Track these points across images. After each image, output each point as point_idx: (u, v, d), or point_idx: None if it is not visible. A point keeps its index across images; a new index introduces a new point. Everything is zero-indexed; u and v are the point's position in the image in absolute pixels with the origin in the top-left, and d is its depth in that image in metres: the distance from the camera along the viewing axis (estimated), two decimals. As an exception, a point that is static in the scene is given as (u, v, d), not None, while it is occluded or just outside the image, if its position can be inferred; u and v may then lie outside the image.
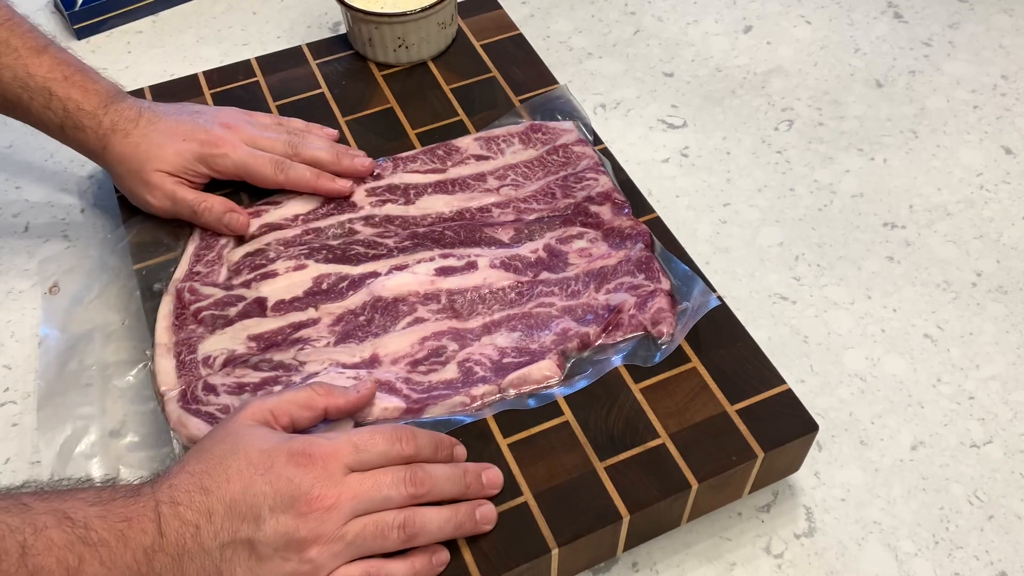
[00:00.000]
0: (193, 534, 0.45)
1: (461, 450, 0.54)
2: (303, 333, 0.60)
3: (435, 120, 0.74)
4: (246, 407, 0.51)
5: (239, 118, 0.68)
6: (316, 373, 0.57)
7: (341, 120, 0.74)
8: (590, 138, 0.72)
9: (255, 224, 0.66)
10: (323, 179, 0.67)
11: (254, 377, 0.58)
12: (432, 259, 0.63)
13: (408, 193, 0.68)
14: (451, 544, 0.51)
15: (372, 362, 0.58)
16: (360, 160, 0.68)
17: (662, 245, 0.64)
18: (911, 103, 0.83)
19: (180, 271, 0.64)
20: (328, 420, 0.54)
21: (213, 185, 0.67)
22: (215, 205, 0.64)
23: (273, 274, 0.63)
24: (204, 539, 0.45)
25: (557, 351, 0.58)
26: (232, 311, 0.61)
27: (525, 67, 0.78)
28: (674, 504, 0.53)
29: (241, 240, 0.66)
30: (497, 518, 0.51)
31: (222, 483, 0.46)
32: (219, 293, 0.62)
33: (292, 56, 0.79)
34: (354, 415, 0.55)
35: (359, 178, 0.69)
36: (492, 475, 0.52)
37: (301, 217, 0.67)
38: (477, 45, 0.80)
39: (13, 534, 0.41)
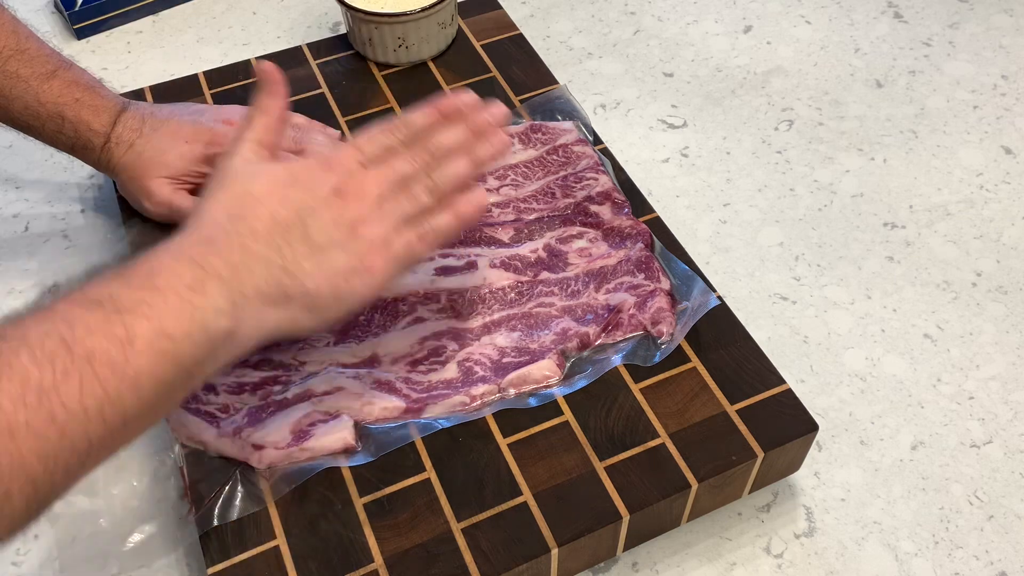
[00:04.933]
0: (241, 250, 0.45)
1: (464, 96, 0.54)
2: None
3: (435, 120, 0.74)
4: (231, 157, 0.50)
5: (241, 113, 0.68)
6: (316, 373, 0.57)
7: (341, 120, 0.74)
8: (590, 138, 0.72)
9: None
10: None
11: (254, 377, 0.58)
12: (432, 259, 0.63)
13: (408, 193, 0.68)
14: (451, 545, 0.51)
15: (372, 362, 0.58)
16: None
17: (662, 245, 0.64)
18: (911, 103, 0.83)
19: (180, 271, 0.64)
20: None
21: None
22: None
23: (273, 274, 0.63)
24: (256, 249, 0.46)
25: (557, 351, 0.58)
26: (232, 311, 0.61)
27: (525, 67, 0.78)
28: (674, 504, 0.53)
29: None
30: (509, 142, 0.55)
31: (255, 206, 0.47)
32: (219, 293, 0.62)
33: (292, 56, 0.79)
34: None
35: None
36: (495, 109, 0.54)
37: (301, 217, 0.67)
38: (477, 45, 0.80)
39: (50, 337, 0.39)
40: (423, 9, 0.75)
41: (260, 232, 0.46)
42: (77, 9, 0.88)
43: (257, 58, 0.79)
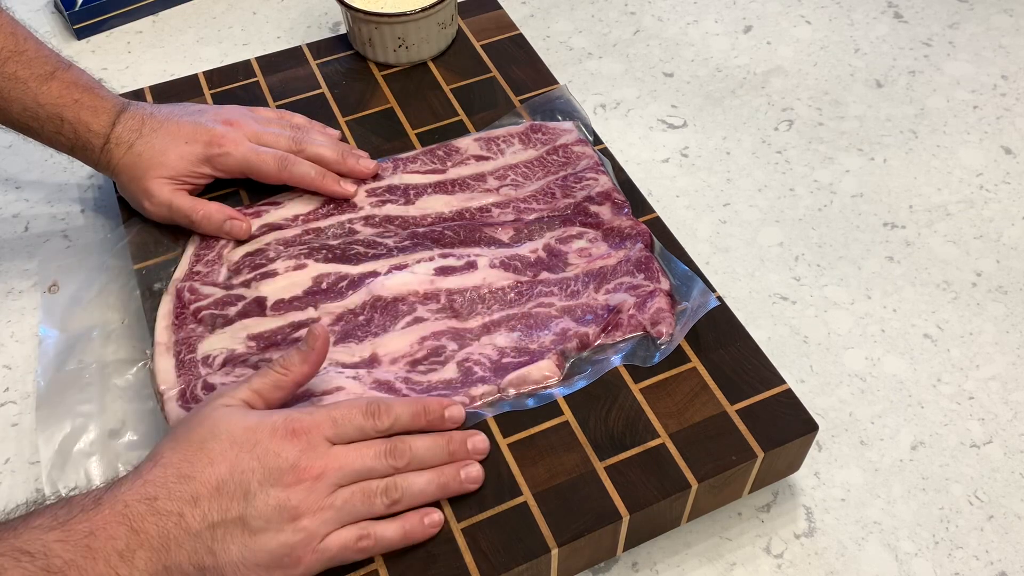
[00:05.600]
0: (176, 522, 0.45)
1: (455, 411, 0.54)
2: (303, 333, 0.60)
3: (435, 120, 0.74)
4: (219, 396, 0.51)
5: (241, 113, 0.68)
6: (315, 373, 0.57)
7: (341, 120, 0.74)
8: (590, 138, 0.72)
9: (255, 224, 0.66)
10: (328, 179, 0.67)
11: (254, 377, 0.58)
12: (432, 259, 0.63)
13: (408, 193, 0.68)
14: (451, 545, 0.51)
15: (371, 362, 0.58)
16: (365, 162, 0.68)
17: (662, 245, 0.64)
18: (911, 103, 0.83)
19: (180, 271, 0.64)
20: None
21: (216, 182, 0.67)
22: (213, 213, 0.64)
23: (273, 274, 0.63)
24: (191, 523, 0.45)
25: (556, 351, 0.58)
26: (232, 311, 0.61)
27: (525, 67, 0.78)
28: (674, 504, 0.53)
29: (241, 240, 0.66)
30: (484, 478, 0.52)
31: (205, 467, 0.46)
32: (219, 293, 0.62)
33: (292, 56, 0.79)
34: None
35: (362, 180, 0.69)
36: (478, 441, 0.53)
37: (301, 217, 0.67)
38: (477, 45, 0.80)
39: None
40: (423, 9, 0.75)
41: (201, 500, 0.46)
42: (77, 9, 0.88)
43: (257, 57, 0.79)
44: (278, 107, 0.74)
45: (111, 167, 0.64)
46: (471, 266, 0.63)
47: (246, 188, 0.69)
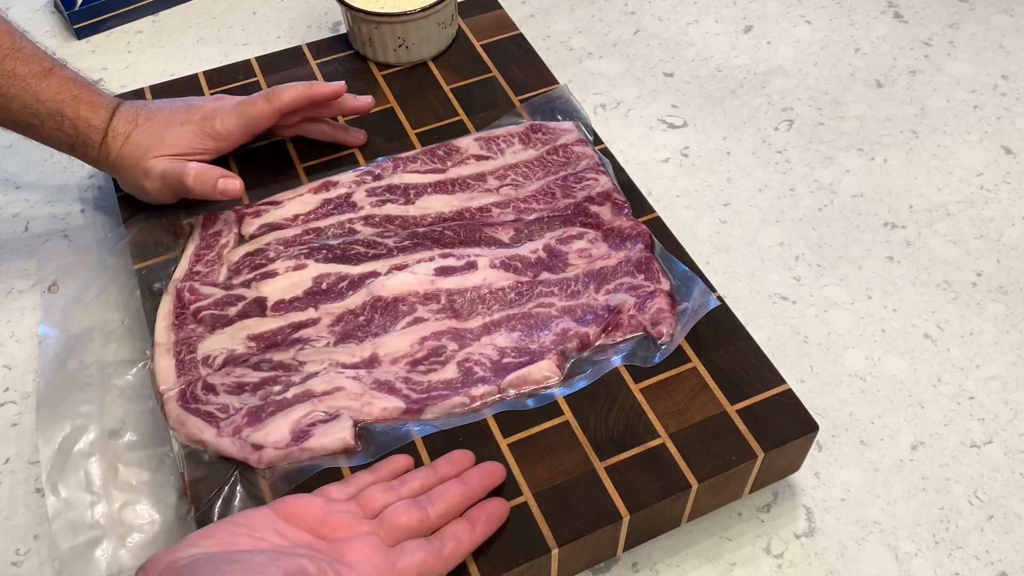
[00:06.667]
0: None
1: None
2: (303, 333, 0.60)
3: (435, 120, 0.74)
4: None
5: (235, 102, 0.69)
6: (316, 373, 0.57)
7: (341, 120, 0.74)
8: (590, 138, 0.72)
9: (255, 224, 0.66)
10: (315, 86, 0.68)
11: (253, 377, 0.58)
12: (432, 259, 0.63)
13: (408, 193, 0.68)
14: (451, 544, 0.51)
15: (372, 362, 0.58)
16: (332, 83, 0.70)
17: (662, 245, 0.64)
18: (911, 103, 0.83)
19: (180, 271, 0.64)
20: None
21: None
22: (206, 171, 0.64)
23: (273, 274, 0.63)
24: None
25: (557, 351, 0.58)
26: (232, 311, 0.61)
27: (525, 67, 0.78)
28: (674, 504, 0.53)
29: (241, 239, 0.66)
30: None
31: None
32: (219, 293, 0.62)
33: (292, 56, 0.79)
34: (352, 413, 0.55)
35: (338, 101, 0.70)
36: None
37: (301, 217, 0.67)
38: (477, 45, 0.80)
39: None
40: (423, 9, 0.75)
41: None
42: (77, 9, 0.88)
43: (257, 57, 0.79)
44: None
45: (110, 161, 0.65)
46: (471, 266, 0.63)
47: (246, 187, 0.69)
